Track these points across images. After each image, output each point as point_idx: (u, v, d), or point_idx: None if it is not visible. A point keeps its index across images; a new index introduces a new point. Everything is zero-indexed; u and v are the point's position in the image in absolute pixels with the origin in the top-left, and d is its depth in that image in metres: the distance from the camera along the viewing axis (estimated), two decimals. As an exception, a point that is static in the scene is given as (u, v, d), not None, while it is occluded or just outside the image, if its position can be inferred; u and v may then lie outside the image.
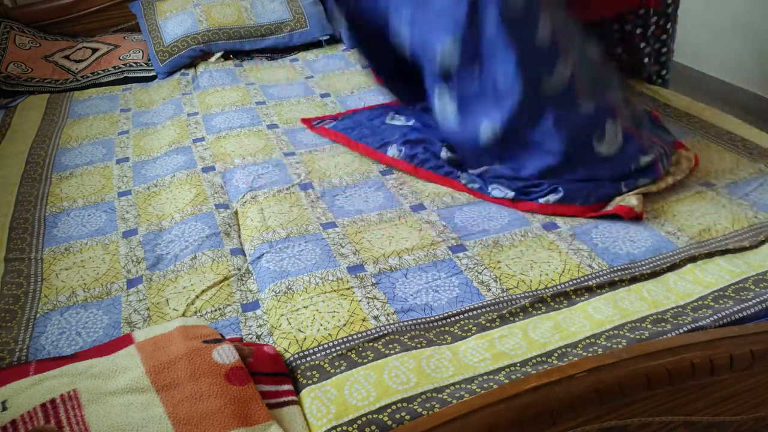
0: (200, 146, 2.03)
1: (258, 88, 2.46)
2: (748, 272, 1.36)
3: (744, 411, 1.16)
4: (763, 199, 1.64)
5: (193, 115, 2.26)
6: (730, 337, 1.09)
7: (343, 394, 1.08)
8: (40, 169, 1.95)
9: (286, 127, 2.13)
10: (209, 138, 2.07)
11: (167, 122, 2.22)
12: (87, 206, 1.75)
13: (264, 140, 2.04)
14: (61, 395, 1.02)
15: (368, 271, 1.42)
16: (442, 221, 1.60)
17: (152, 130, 2.20)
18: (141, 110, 2.38)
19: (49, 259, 1.53)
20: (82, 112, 2.38)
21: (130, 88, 2.59)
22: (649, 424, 1.08)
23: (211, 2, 2.85)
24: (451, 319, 1.28)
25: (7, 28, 2.74)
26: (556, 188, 1.61)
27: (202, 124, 2.18)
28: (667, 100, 2.21)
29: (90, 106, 2.43)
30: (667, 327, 1.21)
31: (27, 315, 1.35)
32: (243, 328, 1.30)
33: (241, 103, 2.32)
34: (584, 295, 1.33)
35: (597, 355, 1.10)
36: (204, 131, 2.13)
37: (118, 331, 1.30)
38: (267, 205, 1.67)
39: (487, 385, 1.08)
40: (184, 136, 2.11)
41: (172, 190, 1.79)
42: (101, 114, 2.35)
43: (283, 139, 2.05)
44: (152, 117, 2.30)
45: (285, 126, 2.14)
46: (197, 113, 2.27)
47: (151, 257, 1.52)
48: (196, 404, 1.02)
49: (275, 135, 2.07)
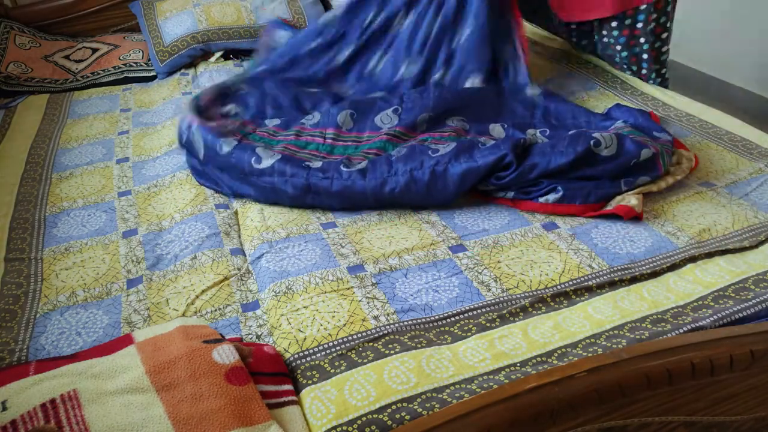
0: (200, 146, 2.03)
1: (258, 88, 2.46)
2: (748, 272, 1.36)
3: (744, 411, 1.16)
4: (763, 199, 1.64)
5: (193, 115, 2.26)
6: (730, 337, 1.09)
7: (343, 394, 1.08)
8: (40, 169, 1.95)
9: (286, 127, 2.13)
10: (209, 138, 2.07)
11: (167, 122, 2.22)
12: (87, 206, 1.75)
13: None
14: (61, 395, 1.02)
15: (368, 271, 1.42)
16: (442, 221, 1.60)
17: (152, 130, 2.20)
18: (141, 110, 2.38)
19: (49, 259, 1.54)
20: (82, 112, 2.38)
21: (130, 88, 2.60)
22: (649, 424, 1.08)
23: (211, 2, 2.85)
24: (451, 319, 1.28)
25: (7, 28, 2.74)
26: (555, 187, 1.61)
27: (202, 124, 2.17)
28: (667, 100, 2.21)
29: (90, 106, 2.43)
30: (667, 327, 1.21)
31: (27, 315, 1.35)
32: (243, 328, 1.30)
33: (241, 103, 2.31)
34: (584, 295, 1.33)
35: (597, 355, 1.10)
36: (204, 131, 2.12)
37: (118, 331, 1.30)
38: (267, 205, 1.67)
39: (487, 385, 1.08)
40: (184, 136, 2.10)
41: (172, 190, 1.79)
42: (101, 114, 2.35)
43: (283, 139, 2.05)
44: (152, 117, 2.30)
45: (285, 126, 2.14)
46: (197, 113, 2.26)
47: (151, 257, 1.52)
48: (196, 404, 1.02)
49: (275, 135, 2.07)
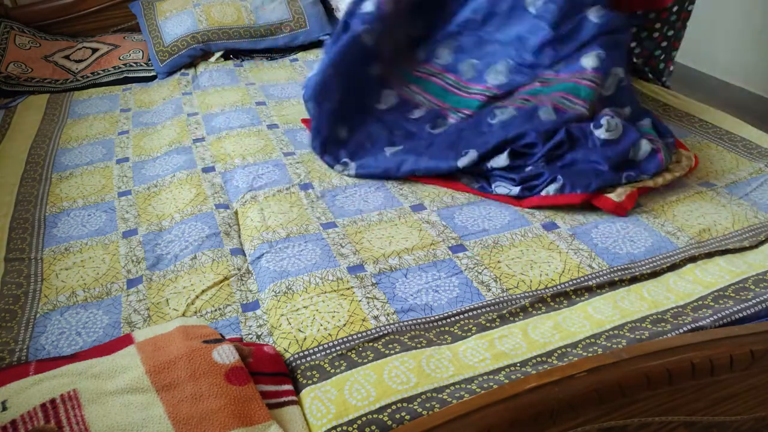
0: (200, 146, 2.03)
1: (258, 88, 2.46)
2: (748, 272, 1.36)
3: (744, 411, 1.16)
4: (763, 199, 1.64)
5: (193, 115, 2.26)
6: (730, 337, 1.09)
7: (343, 394, 1.08)
8: (40, 169, 1.95)
9: (286, 128, 2.13)
10: (209, 138, 2.07)
11: (167, 122, 2.22)
12: (87, 206, 1.75)
13: (264, 140, 2.04)
14: (61, 395, 1.02)
15: (368, 271, 1.42)
16: (442, 221, 1.60)
17: (152, 130, 2.20)
18: (141, 110, 2.37)
19: (49, 259, 1.53)
20: (82, 112, 2.37)
21: (130, 88, 2.59)
22: (649, 424, 1.08)
23: (210, 2, 2.85)
24: (451, 319, 1.28)
25: (7, 28, 2.74)
26: (555, 177, 1.62)
27: (202, 124, 2.18)
28: (667, 100, 2.21)
29: (90, 106, 2.43)
30: (667, 327, 1.21)
31: (27, 315, 1.35)
32: (243, 328, 1.30)
33: (241, 103, 2.32)
34: (584, 295, 1.33)
35: (597, 355, 1.10)
36: (204, 131, 2.12)
37: (118, 331, 1.30)
38: (267, 205, 1.67)
39: (487, 385, 1.08)
40: (184, 136, 2.11)
41: (172, 190, 1.79)
42: (101, 114, 2.35)
43: (283, 139, 2.05)
44: (152, 117, 2.30)
45: (285, 126, 2.14)
46: (197, 113, 2.27)
47: (151, 257, 1.52)
48: (196, 404, 1.02)
49: (275, 135, 2.07)
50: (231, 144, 2.02)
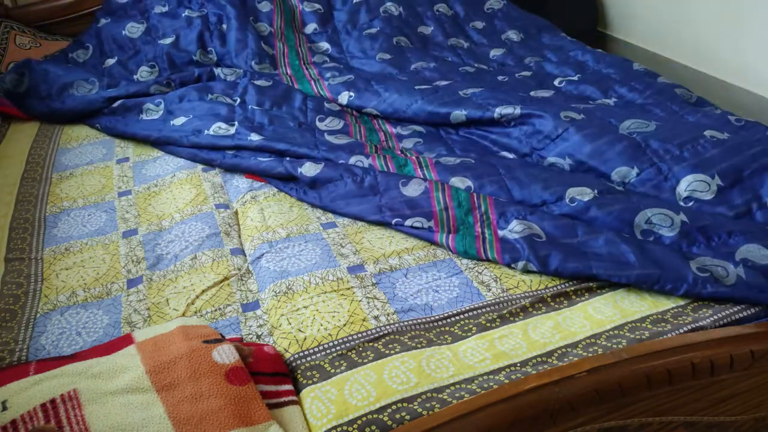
0: (200, 146, 2.03)
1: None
2: (748, 272, 1.36)
3: (744, 411, 1.16)
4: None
5: (193, 115, 2.25)
6: (730, 337, 1.09)
7: (343, 394, 1.08)
8: (40, 169, 1.95)
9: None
10: (209, 138, 2.07)
11: (167, 122, 2.22)
12: (87, 206, 1.75)
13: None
14: (61, 395, 1.03)
15: (368, 271, 1.42)
16: (442, 221, 1.60)
17: (152, 130, 2.20)
18: (141, 110, 2.37)
19: (49, 259, 1.54)
20: (82, 112, 2.37)
21: (130, 88, 2.59)
22: (649, 424, 1.08)
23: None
24: (451, 319, 1.28)
25: (7, 28, 2.73)
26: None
27: (202, 124, 2.17)
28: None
29: (90, 106, 2.42)
30: (667, 327, 1.21)
31: (27, 315, 1.35)
32: (243, 328, 1.30)
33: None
34: (584, 295, 1.33)
35: (597, 355, 1.10)
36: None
37: (118, 331, 1.30)
38: (267, 205, 1.67)
39: (487, 385, 1.08)
40: (184, 136, 2.10)
41: (173, 190, 1.79)
42: (101, 114, 2.34)
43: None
44: (152, 117, 2.30)
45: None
46: (197, 113, 2.26)
47: (151, 257, 1.52)
48: (197, 404, 1.02)
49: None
50: (231, 144, 2.01)
